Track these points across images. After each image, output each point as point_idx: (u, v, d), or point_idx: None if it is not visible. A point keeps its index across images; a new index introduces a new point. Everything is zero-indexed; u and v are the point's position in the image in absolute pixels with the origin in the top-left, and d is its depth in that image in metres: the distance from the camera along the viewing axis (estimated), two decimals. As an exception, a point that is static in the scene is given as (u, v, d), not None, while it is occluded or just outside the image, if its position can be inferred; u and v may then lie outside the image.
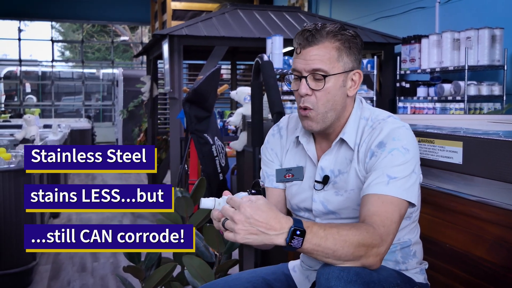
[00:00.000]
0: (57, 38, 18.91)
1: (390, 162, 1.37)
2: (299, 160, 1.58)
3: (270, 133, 1.68)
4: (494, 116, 3.59)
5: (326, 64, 1.42)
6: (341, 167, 1.49)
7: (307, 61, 1.43)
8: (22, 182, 3.67)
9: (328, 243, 1.24)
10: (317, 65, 1.42)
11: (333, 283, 1.26)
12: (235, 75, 8.59)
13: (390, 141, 1.40)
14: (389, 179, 1.35)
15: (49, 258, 4.42)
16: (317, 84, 1.44)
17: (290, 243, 1.23)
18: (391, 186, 1.35)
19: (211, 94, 3.77)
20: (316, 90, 1.44)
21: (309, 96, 1.45)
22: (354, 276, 1.26)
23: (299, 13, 6.66)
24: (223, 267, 2.35)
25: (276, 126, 1.67)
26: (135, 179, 8.75)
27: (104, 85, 16.23)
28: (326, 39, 1.43)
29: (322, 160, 1.52)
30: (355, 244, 1.25)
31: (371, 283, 1.28)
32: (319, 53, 1.42)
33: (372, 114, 1.51)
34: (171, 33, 5.57)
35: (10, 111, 13.36)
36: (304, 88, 1.44)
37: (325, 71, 1.42)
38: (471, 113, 4.67)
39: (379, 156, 1.39)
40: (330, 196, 1.49)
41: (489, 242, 1.54)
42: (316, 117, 1.46)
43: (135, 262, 2.31)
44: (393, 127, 1.42)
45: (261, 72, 2.48)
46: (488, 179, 1.53)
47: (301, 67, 1.44)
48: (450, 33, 4.70)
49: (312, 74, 1.43)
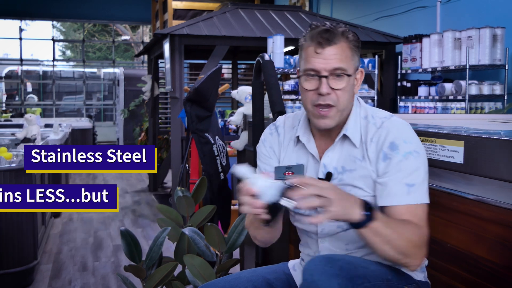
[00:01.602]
0: (58, 37, 18.89)
1: (405, 168, 1.42)
2: (300, 158, 1.59)
3: (267, 132, 1.68)
4: (495, 115, 3.58)
5: (344, 63, 1.46)
6: (345, 164, 1.50)
7: (327, 60, 1.45)
8: (23, 181, 3.67)
9: (388, 230, 1.34)
10: (338, 64, 1.45)
11: (317, 277, 1.30)
12: (236, 75, 8.60)
13: (402, 144, 1.44)
14: (408, 187, 1.41)
15: (50, 257, 4.42)
16: (337, 83, 1.46)
17: (366, 214, 1.31)
18: (412, 195, 1.42)
19: (212, 93, 3.77)
20: (337, 89, 1.46)
21: (329, 95, 1.46)
22: (338, 270, 1.30)
23: (300, 12, 6.66)
24: (224, 266, 2.35)
25: (273, 125, 1.68)
26: (136, 179, 8.76)
27: (105, 85, 16.23)
28: (341, 39, 1.46)
29: (325, 157, 1.53)
30: (408, 239, 1.36)
31: (356, 277, 1.31)
32: (338, 52, 1.45)
33: (369, 112, 1.54)
34: (172, 32, 5.57)
35: (11, 110, 13.36)
36: (325, 88, 1.45)
37: (344, 69, 1.46)
38: (472, 112, 4.66)
39: (393, 159, 1.43)
40: None
41: (490, 241, 1.54)
42: (335, 115, 1.48)
43: (136, 262, 2.31)
44: (400, 127, 1.47)
45: (262, 72, 2.48)
46: (489, 178, 1.53)
47: (321, 67, 1.45)
48: (451, 32, 4.69)
49: (333, 73, 1.45)
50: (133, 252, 2.30)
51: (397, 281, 1.42)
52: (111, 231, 5.31)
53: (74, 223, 5.67)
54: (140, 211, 6.31)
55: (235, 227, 2.38)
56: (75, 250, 4.66)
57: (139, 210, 6.37)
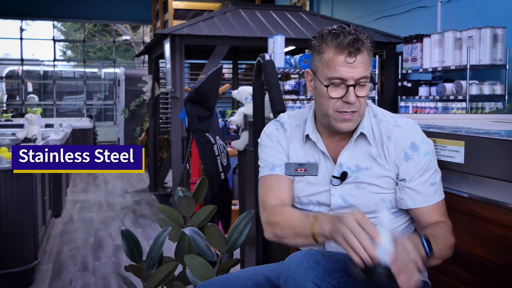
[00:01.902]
0: (58, 37, 18.90)
1: (428, 169, 1.52)
2: (310, 156, 1.60)
3: (272, 127, 1.68)
4: (496, 115, 3.58)
5: (368, 70, 1.49)
6: (359, 162, 1.53)
7: (356, 69, 1.46)
8: (24, 181, 3.67)
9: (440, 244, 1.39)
10: (364, 73, 1.47)
11: (293, 270, 1.34)
12: (237, 75, 8.60)
13: (421, 144, 1.52)
14: (433, 187, 1.52)
15: (51, 257, 4.42)
16: (362, 91, 1.49)
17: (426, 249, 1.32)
18: (438, 193, 1.53)
19: (212, 93, 3.77)
20: (361, 96, 1.49)
21: (354, 103, 1.49)
22: (314, 264, 1.32)
23: (301, 12, 6.66)
24: (225, 266, 2.35)
25: (277, 121, 1.69)
26: (137, 179, 8.76)
27: (105, 85, 16.24)
28: (365, 46, 1.47)
29: (341, 156, 1.55)
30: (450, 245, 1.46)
31: (333, 270, 1.32)
32: (364, 61, 1.47)
33: (377, 111, 1.59)
34: (172, 32, 5.57)
35: (12, 110, 13.37)
36: (353, 97, 1.47)
37: (368, 77, 1.48)
38: (473, 112, 4.66)
39: (415, 159, 1.51)
40: (351, 190, 1.53)
41: (491, 241, 1.54)
42: (357, 119, 1.52)
43: (136, 261, 2.31)
44: (416, 128, 1.55)
45: (262, 72, 2.48)
46: (490, 178, 1.53)
47: (349, 76, 1.46)
48: (452, 32, 4.69)
49: (358, 81, 1.47)
50: (133, 252, 2.30)
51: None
52: (112, 231, 5.31)
53: (75, 223, 5.67)
54: (140, 211, 6.32)
55: (236, 227, 2.38)
56: (76, 250, 4.66)
57: (139, 210, 6.38)
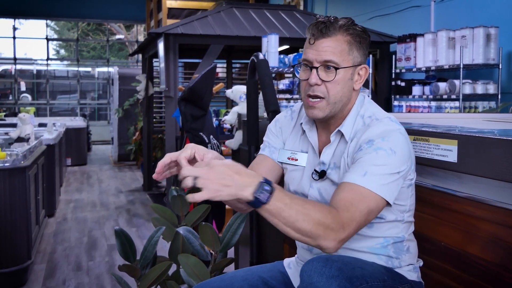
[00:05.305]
0: (52, 36, 18.81)
1: (372, 159, 1.38)
2: (303, 146, 1.61)
3: (283, 114, 1.72)
4: (489, 114, 3.59)
5: (337, 56, 1.45)
6: (336, 160, 1.51)
7: (319, 52, 1.46)
8: (18, 181, 3.66)
9: (291, 211, 1.26)
10: (329, 57, 1.45)
11: (315, 279, 1.28)
12: (231, 74, 8.59)
13: (379, 140, 1.40)
14: (366, 172, 1.37)
15: (44, 257, 4.41)
16: (327, 75, 1.46)
17: (258, 196, 1.24)
18: (367, 178, 1.36)
19: (206, 92, 3.76)
20: (326, 81, 1.47)
21: (318, 86, 1.47)
22: (336, 271, 1.28)
23: (295, 11, 6.66)
24: (219, 265, 2.35)
25: (290, 110, 1.71)
26: (131, 178, 8.74)
27: (99, 84, 16.20)
28: (338, 32, 1.46)
29: (324, 154, 1.54)
30: (315, 221, 1.26)
31: (354, 278, 1.30)
32: (332, 45, 1.45)
33: (371, 112, 1.51)
34: (166, 31, 5.56)
35: (4, 109, 13.31)
36: (314, 78, 1.47)
37: (336, 63, 1.45)
38: (466, 111, 4.68)
39: (365, 151, 1.40)
40: (328, 186, 1.52)
41: (484, 240, 1.55)
42: (325, 107, 1.48)
43: (130, 261, 2.30)
44: (387, 129, 1.42)
45: (256, 71, 2.48)
46: (483, 177, 1.54)
47: (313, 58, 1.47)
48: (445, 31, 4.71)
49: (324, 65, 1.46)
50: (127, 252, 2.29)
51: (392, 282, 1.42)
52: (106, 231, 5.29)
53: (68, 222, 5.65)
54: (134, 210, 6.30)
55: (230, 226, 2.38)
56: (69, 250, 4.64)
57: (133, 209, 6.36)
